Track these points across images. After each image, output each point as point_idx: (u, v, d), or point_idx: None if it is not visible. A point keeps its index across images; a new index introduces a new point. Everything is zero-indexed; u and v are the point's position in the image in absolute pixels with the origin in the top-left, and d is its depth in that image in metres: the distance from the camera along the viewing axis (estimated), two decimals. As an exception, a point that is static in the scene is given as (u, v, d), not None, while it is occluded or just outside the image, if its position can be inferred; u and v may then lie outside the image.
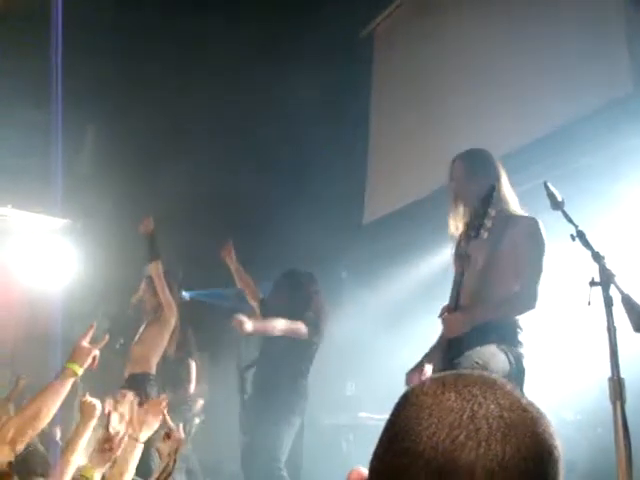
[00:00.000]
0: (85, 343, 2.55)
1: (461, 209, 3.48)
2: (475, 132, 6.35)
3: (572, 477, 4.65)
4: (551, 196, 2.88)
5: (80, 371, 2.51)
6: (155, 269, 5.09)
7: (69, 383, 2.48)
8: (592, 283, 2.45)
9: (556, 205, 2.85)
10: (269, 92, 7.50)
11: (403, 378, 3.37)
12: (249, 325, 4.18)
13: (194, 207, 8.23)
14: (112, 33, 6.63)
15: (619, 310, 2.36)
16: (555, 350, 5.07)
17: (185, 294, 7.99)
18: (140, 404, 4.80)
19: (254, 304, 4.99)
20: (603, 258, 2.47)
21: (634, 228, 4.68)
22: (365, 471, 0.87)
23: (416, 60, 7.47)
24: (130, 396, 2.62)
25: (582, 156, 5.17)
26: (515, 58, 6.04)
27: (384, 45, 8.12)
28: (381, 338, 6.85)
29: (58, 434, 5.67)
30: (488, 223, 2.97)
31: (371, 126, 8.09)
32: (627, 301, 2.33)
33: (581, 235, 2.61)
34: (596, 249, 2.53)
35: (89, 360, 2.53)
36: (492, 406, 0.77)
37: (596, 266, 2.47)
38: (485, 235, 2.96)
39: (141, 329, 5.46)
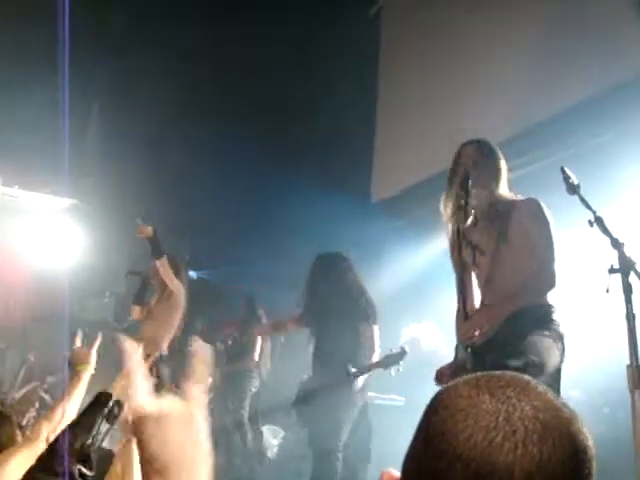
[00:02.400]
0: (80, 347, 2.69)
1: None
2: (483, 112, 6.30)
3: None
4: (567, 180, 2.84)
5: (91, 368, 2.65)
6: (161, 264, 5.09)
7: (86, 379, 2.61)
8: (611, 270, 2.41)
9: (572, 189, 2.81)
10: (284, 71, 7.45)
11: (429, 370, 3.31)
12: None
13: (201, 187, 8.21)
14: (120, 12, 6.58)
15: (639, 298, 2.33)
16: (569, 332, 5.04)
17: (192, 274, 8.03)
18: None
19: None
20: (622, 245, 2.43)
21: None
22: (396, 473, 0.86)
23: (424, 40, 7.38)
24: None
25: (594, 137, 5.13)
26: (525, 37, 5.96)
27: (391, 24, 8.04)
28: (389, 317, 6.85)
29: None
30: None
31: (379, 104, 8.04)
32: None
33: (599, 221, 2.57)
34: (615, 235, 2.49)
35: (93, 357, 2.65)
36: (527, 408, 0.77)
37: (615, 253, 2.43)
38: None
39: (150, 307, 5.47)
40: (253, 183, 8.28)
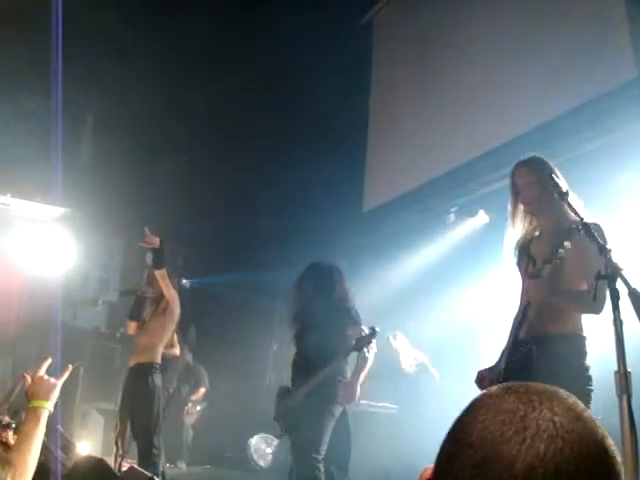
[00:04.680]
0: (46, 376, 2.28)
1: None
2: (475, 121, 6.33)
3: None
4: (556, 187, 2.87)
5: (51, 405, 2.24)
6: (161, 274, 5.09)
7: (45, 419, 2.21)
8: (598, 276, 2.42)
9: (561, 196, 2.84)
10: (274, 81, 7.48)
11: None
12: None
13: (193, 196, 8.22)
14: (112, 24, 6.60)
15: (626, 304, 2.33)
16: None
17: (186, 282, 8.02)
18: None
19: None
20: (609, 251, 2.44)
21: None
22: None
23: (416, 48, 7.42)
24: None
25: (585, 142, 5.16)
26: (517, 45, 6.00)
27: (383, 32, 8.07)
28: (381, 326, 6.84)
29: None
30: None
31: (370, 114, 8.07)
32: (634, 295, 2.30)
33: (586, 227, 2.59)
34: (601, 241, 2.51)
35: (57, 392, 2.25)
36: (545, 410, 0.80)
37: (602, 259, 2.44)
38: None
39: (145, 319, 5.46)
40: (246, 194, 8.30)
